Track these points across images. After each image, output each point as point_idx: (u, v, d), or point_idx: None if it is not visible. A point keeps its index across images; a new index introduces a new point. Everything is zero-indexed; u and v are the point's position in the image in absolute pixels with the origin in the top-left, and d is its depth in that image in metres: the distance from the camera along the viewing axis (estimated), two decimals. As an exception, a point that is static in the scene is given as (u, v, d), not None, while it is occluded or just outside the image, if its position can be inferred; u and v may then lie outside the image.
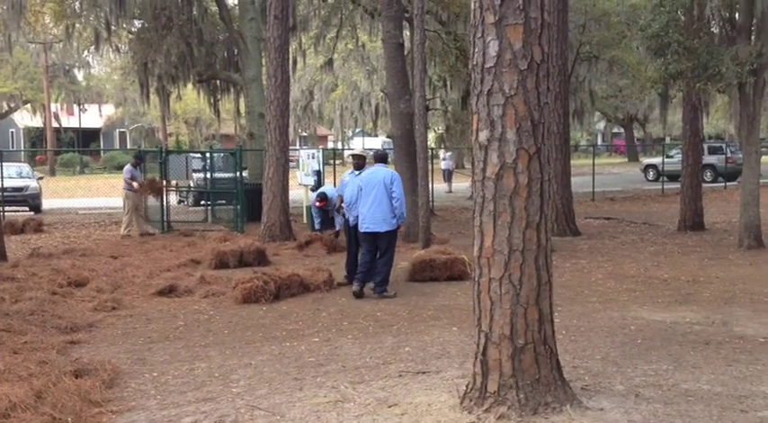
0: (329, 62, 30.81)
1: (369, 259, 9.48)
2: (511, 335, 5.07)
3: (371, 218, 9.35)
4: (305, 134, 57.35)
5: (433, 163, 23.23)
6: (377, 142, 58.55)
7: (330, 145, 57.46)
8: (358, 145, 52.14)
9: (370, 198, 9.36)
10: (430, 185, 19.89)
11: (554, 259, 6.17)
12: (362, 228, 9.41)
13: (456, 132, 27.60)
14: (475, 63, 5.18)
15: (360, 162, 10.16)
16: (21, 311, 7.92)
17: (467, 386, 5.26)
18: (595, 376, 5.86)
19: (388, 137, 43.53)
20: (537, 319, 5.12)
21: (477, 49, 5.16)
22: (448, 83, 26.35)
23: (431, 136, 38.51)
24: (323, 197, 14.34)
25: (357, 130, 61.42)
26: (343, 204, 10.32)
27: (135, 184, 16.38)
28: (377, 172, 9.57)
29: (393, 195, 9.37)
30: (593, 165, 26.85)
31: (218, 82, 25.22)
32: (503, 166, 5.12)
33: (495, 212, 5.16)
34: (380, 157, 9.99)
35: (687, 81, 14.38)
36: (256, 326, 7.94)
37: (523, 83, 5.07)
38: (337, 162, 47.99)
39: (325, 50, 29.26)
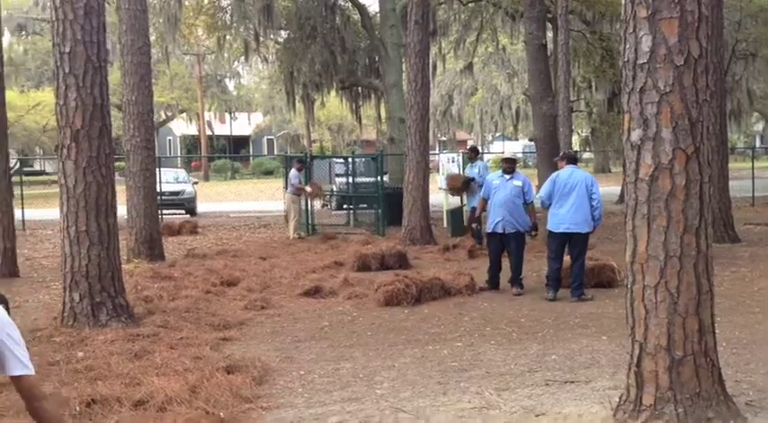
0: (469, 66, 30.74)
1: (558, 265, 9.33)
2: (668, 346, 4.80)
3: (572, 219, 9.17)
4: (444, 139, 57.40)
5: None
6: (518, 146, 57.74)
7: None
8: (499, 149, 51.65)
9: (570, 199, 9.16)
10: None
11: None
12: (560, 229, 9.23)
13: (602, 135, 26.72)
14: (626, 59, 4.96)
15: (511, 166, 10.00)
16: (177, 309, 8.31)
17: (620, 398, 5.02)
18: (761, 391, 5.45)
19: (529, 140, 42.73)
20: (697, 330, 4.82)
21: (628, 45, 4.94)
22: (593, 84, 25.61)
23: (575, 139, 37.57)
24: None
25: (497, 134, 60.84)
26: (484, 210, 10.19)
27: (308, 188, 16.87)
28: (575, 173, 9.36)
29: (593, 196, 9.21)
30: (753, 168, 25.24)
31: (359, 88, 25.71)
32: (657, 166, 4.87)
33: (649, 216, 4.91)
34: (571, 158, 9.78)
35: None
36: (399, 328, 7.95)
37: (680, 79, 4.82)
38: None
39: (464, 54, 29.20)
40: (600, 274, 10.03)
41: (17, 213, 18.77)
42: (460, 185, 15.05)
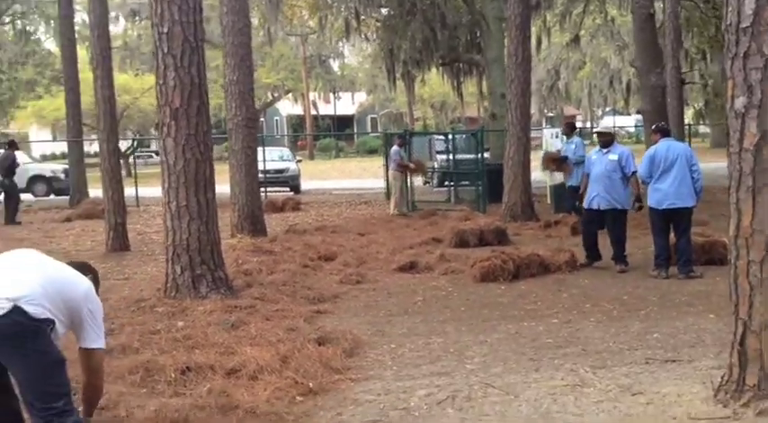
0: (575, 39, 29.81)
1: (665, 242, 8.95)
2: (775, 323, 4.51)
3: (676, 194, 8.78)
4: (551, 114, 56.17)
5: (690, 140, 21.62)
6: (629, 120, 55.83)
7: (578, 125, 55.79)
8: (609, 123, 50.17)
9: (671, 173, 8.77)
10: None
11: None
12: (663, 205, 8.85)
13: (716, 107, 25.49)
14: (728, 23, 4.66)
15: (606, 139, 9.71)
16: (274, 282, 8.46)
17: (722, 378, 4.76)
18: None
19: (637, 112, 41.14)
20: (807, 308, 4.50)
21: (730, 8, 4.64)
22: (707, 55, 24.41)
23: (689, 112, 35.99)
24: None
25: (607, 108, 59.05)
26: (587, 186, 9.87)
27: (411, 165, 16.91)
28: (672, 146, 8.99)
29: (693, 168, 8.83)
30: None
31: (460, 64, 25.38)
32: (763, 135, 4.55)
33: (754, 188, 4.61)
34: (666, 131, 9.37)
35: None
36: (493, 304, 7.82)
37: (787, 42, 4.47)
38: (586, 142, 46.62)
39: (571, 27, 28.33)
40: (711, 250, 9.54)
41: (132, 191, 19.72)
42: (554, 165, 14.62)
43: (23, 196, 21.56)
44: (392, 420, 4.72)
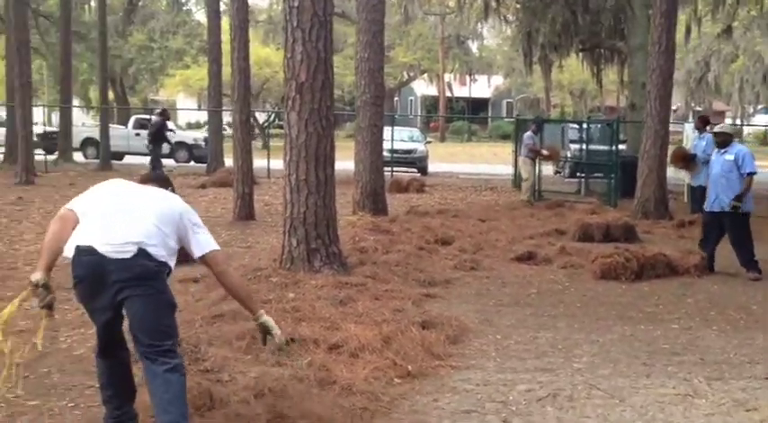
0: (728, 30, 28.11)
1: None
2: None
3: None
4: (699, 108, 53.42)
5: None
6: (787, 121, 52.24)
7: (728, 121, 52.81)
8: (762, 121, 47.20)
9: None
10: None
11: None
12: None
13: None
14: None
15: (725, 139, 9.20)
16: (388, 262, 8.47)
17: None
18: None
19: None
20: None
21: None
22: None
23: None
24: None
25: (759, 106, 55.49)
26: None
27: (544, 151, 16.59)
28: None
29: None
30: None
31: (601, 51, 24.47)
32: None
33: None
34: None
35: None
36: (611, 303, 7.52)
37: None
38: (735, 140, 44.10)
39: (724, 17, 26.73)
40: None
41: (264, 163, 20.34)
42: (682, 162, 13.69)
43: (166, 162, 22.76)
44: (488, 412, 4.64)
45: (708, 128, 13.53)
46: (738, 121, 50.13)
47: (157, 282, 3.76)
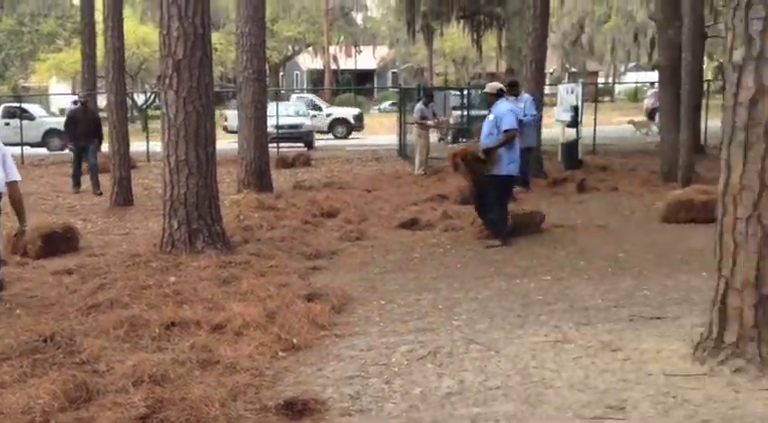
0: (600, -10, 29.15)
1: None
2: (756, 282, 4.47)
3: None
4: (574, 70, 55.23)
5: (708, 97, 21.23)
6: (653, 76, 54.67)
7: (600, 80, 54.88)
8: (632, 79, 49.22)
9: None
10: (703, 122, 18.32)
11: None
12: None
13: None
14: (731, -29, 4.52)
15: (489, 99, 8.99)
16: (273, 238, 8.50)
17: (701, 335, 4.75)
18: None
19: (653, 68, 40.10)
20: (789, 266, 4.44)
21: (733, -43, 4.50)
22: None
23: (712, 66, 35.24)
24: None
25: (631, 64, 57.89)
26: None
27: (429, 122, 16.52)
28: None
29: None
30: None
31: (481, 17, 24.97)
32: (759, 89, 4.45)
33: (746, 143, 4.53)
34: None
35: None
36: (489, 261, 7.81)
37: (791, -10, 4.34)
38: (605, 99, 45.76)
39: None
40: (714, 208, 9.40)
41: (143, 146, 19.78)
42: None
43: (39, 151, 21.80)
44: (371, 376, 4.76)
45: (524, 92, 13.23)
46: (610, 80, 52.23)
47: None
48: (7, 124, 24.99)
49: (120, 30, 12.26)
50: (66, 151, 24.73)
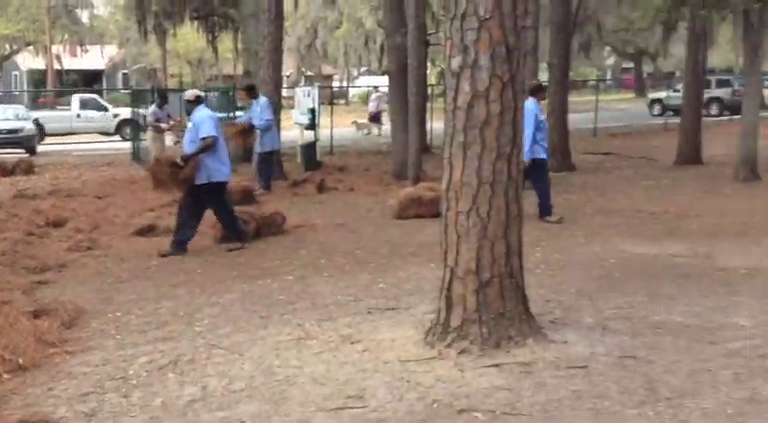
0: (332, -3, 30.09)
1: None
2: (477, 269, 4.88)
3: None
4: (310, 73, 56.49)
5: (432, 100, 22.76)
6: (384, 80, 57.39)
7: (336, 84, 56.66)
8: (365, 83, 51.35)
9: None
10: (429, 123, 19.60)
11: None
12: None
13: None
14: (449, -16, 4.89)
15: (187, 107, 8.66)
16: (-7, 252, 7.77)
17: (431, 321, 5.10)
18: (566, 310, 5.68)
19: (383, 73, 42.33)
20: (504, 253, 4.93)
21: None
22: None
23: (435, 72, 37.82)
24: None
25: (363, 68, 60.41)
26: None
27: (163, 125, 15.89)
28: None
29: None
30: (597, 100, 26.35)
31: (215, 18, 24.66)
32: (474, 94, 4.87)
33: (465, 143, 4.94)
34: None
35: (691, 8, 13.89)
36: (231, 264, 7.76)
37: (499, 5, 4.79)
38: (341, 102, 47.33)
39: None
40: (440, 203, 10.13)
41: None
42: (239, 137, 12.73)
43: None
44: (107, 391, 4.53)
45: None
46: (345, 83, 54.19)
47: None
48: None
49: None
50: None
